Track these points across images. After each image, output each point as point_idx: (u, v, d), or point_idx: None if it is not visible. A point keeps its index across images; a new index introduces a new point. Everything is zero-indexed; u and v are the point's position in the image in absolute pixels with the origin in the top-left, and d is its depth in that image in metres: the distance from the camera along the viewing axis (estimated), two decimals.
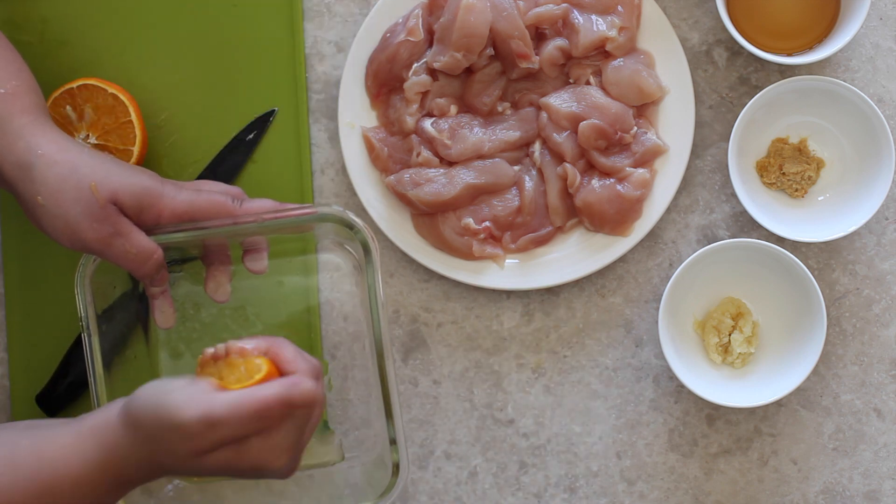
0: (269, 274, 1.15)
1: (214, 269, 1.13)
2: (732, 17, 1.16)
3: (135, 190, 1.05)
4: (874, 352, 1.20)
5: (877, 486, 1.20)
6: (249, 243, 1.13)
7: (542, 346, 1.21)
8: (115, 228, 1.04)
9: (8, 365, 1.21)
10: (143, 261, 1.06)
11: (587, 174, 1.18)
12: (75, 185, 1.03)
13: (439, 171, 1.18)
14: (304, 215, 1.08)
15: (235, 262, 1.14)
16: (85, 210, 1.03)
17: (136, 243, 1.05)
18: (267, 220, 1.08)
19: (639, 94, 1.17)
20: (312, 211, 1.08)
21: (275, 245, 1.14)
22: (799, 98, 1.16)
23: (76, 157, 1.05)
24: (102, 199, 1.04)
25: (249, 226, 1.08)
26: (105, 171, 1.05)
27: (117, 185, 1.05)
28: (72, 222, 1.04)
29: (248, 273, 1.13)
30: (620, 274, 1.21)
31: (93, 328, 1.09)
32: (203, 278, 1.14)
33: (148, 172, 1.08)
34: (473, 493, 1.21)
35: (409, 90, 1.17)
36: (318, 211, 1.08)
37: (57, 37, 1.21)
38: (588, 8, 1.17)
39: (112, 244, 1.05)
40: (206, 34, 1.21)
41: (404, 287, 1.21)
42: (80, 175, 1.04)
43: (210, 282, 1.13)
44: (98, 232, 1.04)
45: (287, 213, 1.08)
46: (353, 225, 1.08)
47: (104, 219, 1.04)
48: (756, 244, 1.14)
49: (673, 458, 1.20)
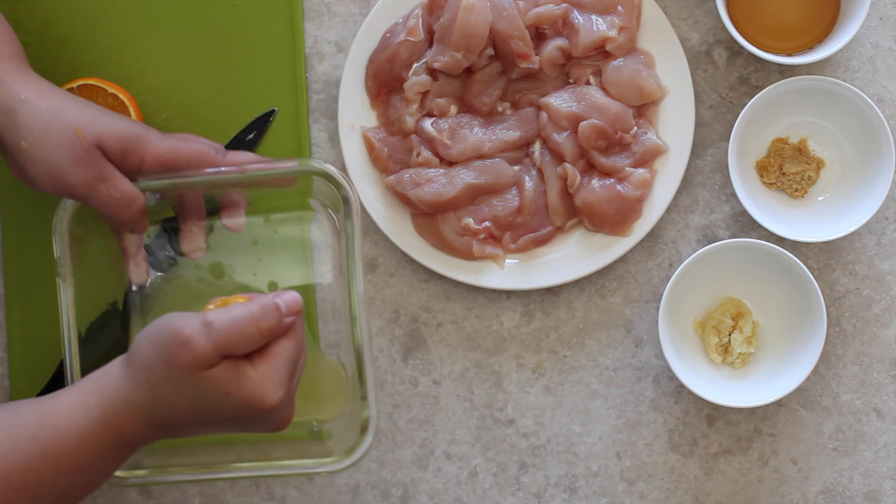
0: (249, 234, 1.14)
1: (190, 224, 1.13)
2: (732, 17, 1.16)
3: (119, 134, 1.05)
4: (874, 352, 1.20)
5: (877, 486, 1.20)
6: (228, 200, 1.12)
7: (542, 346, 1.21)
8: (99, 173, 1.04)
9: (8, 365, 1.21)
10: (126, 206, 1.06)
11: (587, 174, 1.18)
12: (59, 129, 1.03)
13: (439, 171, 1.18)
14: (287, 168, 1.08)
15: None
16: (69, 154, 1.03)
17: (119, 188, 1.05)
18: (250, 172, 1.07)
19: (639, 94, 1.17)
20: (293, 164, 1.08)
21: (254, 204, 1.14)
22: (799, 98, 1.16)
23: (60, 102, 1.04)
24: (87, 143, 1.03)
25: (232, 176, 1.08)
26: (89, 115, 1.05)
27: (102, 129, 1.04)
28: (56, 166, 1.03)
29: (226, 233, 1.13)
30: (620, 274, 1.21)
31: (68, 274, 1.09)
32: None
33: (132, 119, 1.07)
34: (473, 493, 1.21)
35: (409, 90, 1.17)
36: (301, 164, 1.08)
37: (57, 37, 1.21)
38: (588, 8, 1.17)
39: (96, 188, 1.04)
40: (206, 34, 1.21)
41: (404, 287, 1.21)
42: (64, 120, 1.03)
43: (185, 237, 1.13)
44: (82, 176, 1.04)
45: (270, 166, 1.08)
46: (336, 179, 1.07)
47: (89, 163, 1.03)
48: (756, 244, 1.14)
49: (673, 458, 1.20)
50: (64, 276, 1.09)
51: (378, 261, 1.21)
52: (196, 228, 1.13)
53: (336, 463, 1.08)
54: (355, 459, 1.08)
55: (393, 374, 1.21)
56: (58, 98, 1.05)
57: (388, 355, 1.21)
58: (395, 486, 1.21)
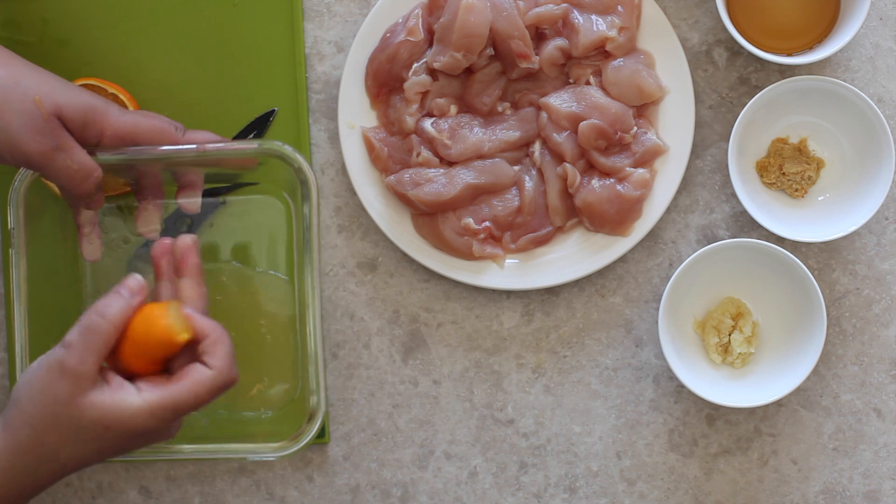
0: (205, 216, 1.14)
1: (146, 203, 1.12)
2: (732, 17, 1.16)
3: (79, 105, 1.04)
4: (874, 352, 1.20)
5: (877, 486, 1.20)
6: (185, 181, 1.11)
7: (542, 346, 1.21)
8: (57, 143, 1.03)
9: (8, 365, 1.21)
10: (83, 178, 1.05)
11: (587, 174, 1.18)
12: (19, 97, 1.02)
13: (439, 171, 1.18)
14: (244, 149, 1.07)
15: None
16: (28, 123, 1.02)
17: (77, 159, 1.04)
18: (209, 151, 1.07)
19: (639, 94, 1.17)
20: (253, 145, 1.07)
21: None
22: (799, 98, 1.16)
23: (19, 70, 1.04)
24: (46, 113, 1.02)
25: (190, 154, 1.07)
26: (49, 85, 1.04)
27: (62, 99, 1.03)
28: (13, 135, 1.02)
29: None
30: (620, 274, 1.21)
31: (21, 246, 1.08)
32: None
33: (93, 93, 1.07)
34: (473, 493, 1.21)
35: (409, 90, 1.17)
36: (258, 144, 1.07)
37: (57, 37, 1.21)
38: (588, 8, 1.17)
39: (54, 158, 1.03)
40: (206, 34, 1.21)
41: (404, 287, 1.21)
42: (23, 88, 1.03)
43: (140, 216, 1.12)
44: (41, 145, 1.03)
45: (229, 146, 1.07)
46: (293, 161, 1.07)
47: (47, 132, 1.03)
48: (756, 244, 1.14)
49: (673, 458, 1.20)
50: (18, 247, 1.08)
51: (378, 261, 1.21)
52: (152, 207, 1.12)
53: (281, 450, 1.09)
54: (300, 447, 1.08)
55: (393, 374, 1.21)
56: (18, 65, 1.04)
57: (388, 355, 1.21)
58: (395, 486, 1.21)
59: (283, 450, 1.09)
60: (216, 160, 1.08)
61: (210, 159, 1.08)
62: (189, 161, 1.09)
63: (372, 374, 1.21)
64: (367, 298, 1.21)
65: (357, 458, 1.21)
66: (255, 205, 1.17)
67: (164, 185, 1.12)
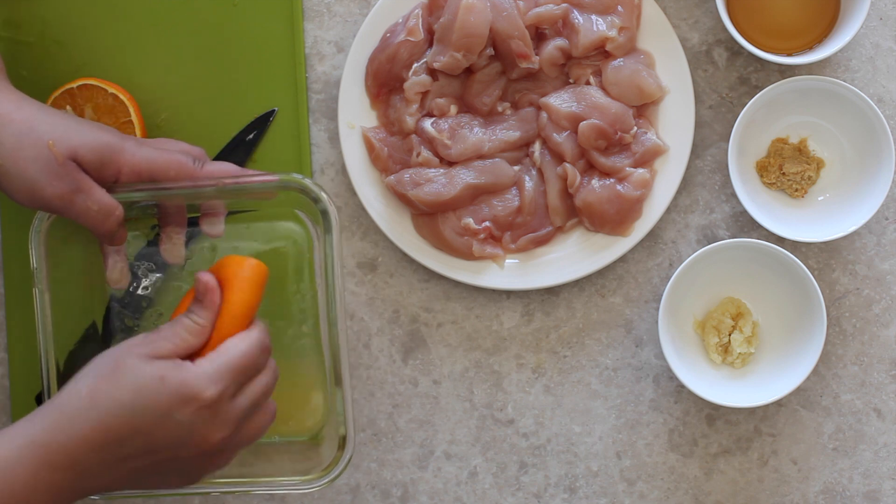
0: (226, 239, 1.14)
1: (170, 230, 1.12)
2: (732, 17, 1.16)
3: (95, 145, 1.04)
4: (874, 352, 1.20)
5: (877, 486, 1.20)
6: (207, 206, 1.11)
7: (542, 346, 1.21)
8: (75, 185, 1.03)
9: (8, 365, 1.21)
10: (105, 218, 1.05)
11: (587, 174, 1.18)
12: (33, 143, 1.02)
13: (439, 171, 1.18)
14: (264, 182, 1.07)
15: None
16: (44, 168, 1.02)
17: (97, 200, 1.04)
18: (227, 185, 1.07)
19: (639, 94, 1.17)
20: (273, 178, 1.07)
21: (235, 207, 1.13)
22: (799, 98, 1.16)
23: (33, 114, 1.04)
24: (61, 157, 1.02)
25: (209, 189, 1.07)
26: (63, 128, 1.04)
27: (76, 141, 1.03)
28: (30, 181, 1.02)
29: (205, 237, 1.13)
30: (620, 274, 1.21)
31: (44, 285, 1.08)
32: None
33: (108, 128, 1.06)
34: (473, 493, 1.21)
35: (409, 90, 1.17)
36: (279, 178, 1.07)
37: (57, 37, 1.21)
38: (588, 8, 1.17)
39: (73, 201, 1.03)
40: (206, 34, 1.21)
41: (404, 287, 1.21)
42: (37, 133, 1.03)
43: (165, 243, 1.12)
44: (58, 189, 1.03)
45: (248, 179, 1.07)
46: (314, 193, 1.06)
47: (64, 176, 1.03)
48: (756, 244, 1.14)
49: (673, 458, 1.20)
50: (41, 287, 1.09)
51: (378, 261, 1.21)
52: (176, 236, 1.12)
53: (315, 481, 1.08)
54: (333, 476, 1.08)
55: (393, 374, 1.21)
56: (32, 110, 1.04)
57: (388, 355, 1.21)
58: (395, 486, 1.21)
59: (316, 481, 1.08)
60: (236, 193, 1.08)
61: (228, 193, 1.08)
62: (207, 196, 1.09)
63: (372, 374, 1.21)
64: (367, 298, 1.21)
65: (357, 458, 1.21)
66: (275, 230, 1.17)
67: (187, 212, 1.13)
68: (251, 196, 1.11)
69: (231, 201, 1.12)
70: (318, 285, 1.14)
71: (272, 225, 1.16)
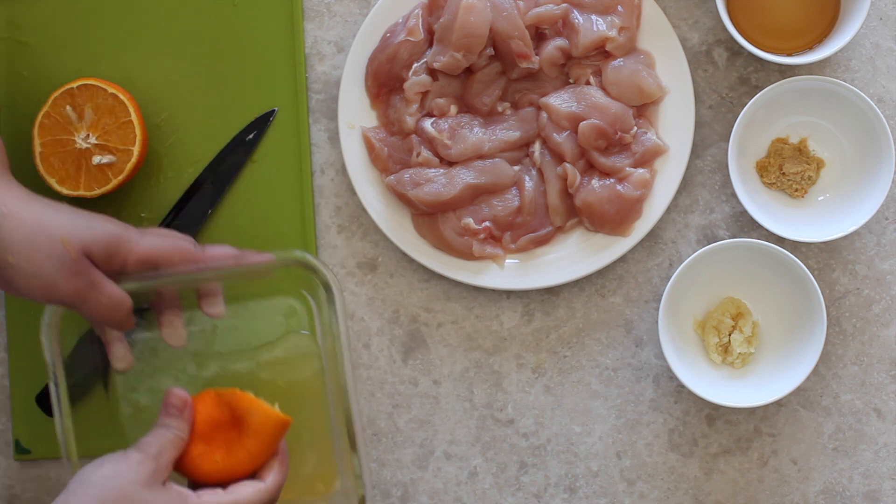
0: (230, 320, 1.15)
1: (169, 314, 1.13)
2: (732, 17, 1.16)
3: (104, 238, 1.05)
4: (874, 352, 1.20)
5: (877, 486, 1.20)
6: (205, 290, 1.12)
7: (542, 346, 1.21)
8: (89, 281, 1.04)
9: (8, 365, 1.22)
10: (115, 311, 1.06)
11: (587, 174, 1.18)
12: (46, 240, 1.03)
13: (439, 171, 1.18)
14: (263, 262, 1.08)
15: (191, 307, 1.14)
16: (58, 265, 1.03)
17: (108, 294, 1.05)
18: (228, 269, 1.08)
19: (639, 94, 1.17)
20: (272, 258, 1.08)
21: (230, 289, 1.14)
22: (799, 98, 1.16)
23: (42, 211, 1.04)
24: (75, 253, 1.03)
25: (209, 273, 1.08)
26: (71, 223, 1.04)
27: (86, 236, 1.04)
28: (46, 278, 1.03)
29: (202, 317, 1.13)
30: (620, 274, 1.21)
31: (60, 377, 1.09)
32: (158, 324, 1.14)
33: (109, 219, 1.07)
34: (473, 493, 1.21)
35: (409, 90, 1.17)
36: (279, 257, 1.08)
37: (57, 37, 1.21)
38: (588, 8, 1.17)
39: (87, 297, 1.04)
40: (206, 34, 1.21)
41: (404, 287, 1.21)
42: (49, 230, 1.03)
43: (166, 328, 1.13)
44: (74, 286, 1.04)
45: (248, 260, 1.08)
46: (315, 268, 1.07)
47: (78, 272, 1.03)
48: (756, 244, 1.14)
49: (673, 458, 1.20)
50: (56, 379, 1.09)
51: (378, 261, 1.21)
52: (176, 320, 1.13)
53: None
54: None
55: (393, 374, 1.21)
56: (39, 208, 1.04)
57: (388, 355, 1.21)
58: (395, 486, 1.21)
59: None
60: (238, 275, 1.10)
61: (229, 275, 1.10)
62: (210, 279, 1.10)
63: (372, 374, 1.21)
64: (367, 298, 1.21)
65: None
66: (272, 306, 1.17)
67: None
68: (252, 276, 1.12)
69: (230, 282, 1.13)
70: (322, 350, 1.14)
71: (268, 302, 1.16)
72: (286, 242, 1.20)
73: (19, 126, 1.20)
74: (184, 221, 1.20)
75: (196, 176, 1.21)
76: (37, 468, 1.22)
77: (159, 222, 1.21)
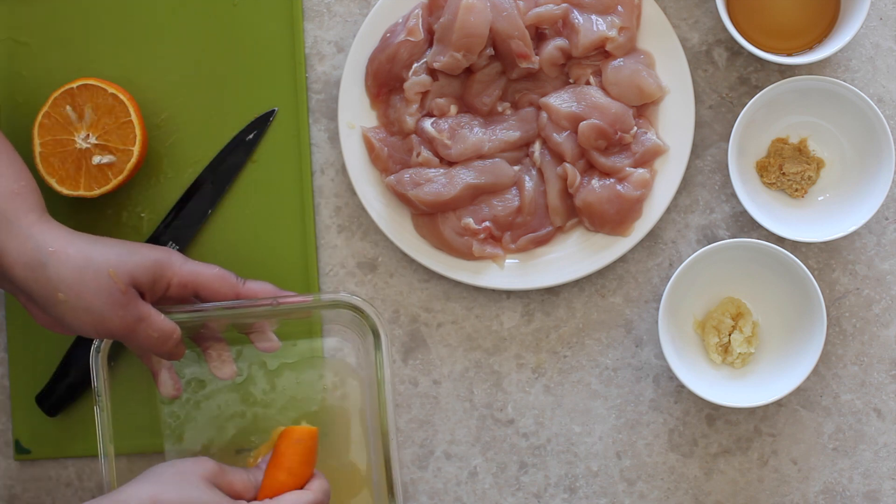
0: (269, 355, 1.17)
1: (216, 347, 1.15)
2: (732, 17, 1.16)
3: (147, 266, 1.07)
4: (874, 352, 1.20)
5: (877, 486, 1.20)
6: (256, 326, 1.14)
7: (542, 346, 1.21)
8: (138, 314, 1.06)
9: (8, 365, 1.22)
10: (164, 342, 1.08)
11: (587, 174, 1.18)
12: (93, 275, 1.05)
13: (439, 171, 1.18)
14: (319, 301, 1.11)
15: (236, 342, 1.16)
16: (108, 299, 1.05)
17: (157, 326, 1.07)
18: (281, 305, 1.11)
19: (639, 94, 1.17)
20: (327, 298, 1.11)
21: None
22: (799, 98, 1.16)
23: (87, 246, 1.06)
24: (124, 286, 1.05)
25: (263, 309, 1.11)
26: (116, 255, 1.06)
27: (132, 266, 1.06)
28: (96, 313, 1.05)
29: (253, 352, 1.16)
30: (620, 274, 1.21)
31: (106, 405, 1.11)
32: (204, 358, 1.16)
33: (151, 246, 1.10)
34: (473, 493, 1.21)
35: (409, 90, 1.17)
36: (332, 299, 1.11)
37: (57, 37, 1.21)
38: (588, 8, 1.17)
39: (136, 330, 1.07)
40: (206, 34, 1.21)
41: (404, 287, 1.21)
42: (96, 265, 1.05)
43: (213, 361, 1.15)
44: (124, 319, 1.06)
45: (301, 299, 1.11)
46: (364, 311, 1.11)
47: (127, 305, 1.05)
48: (756, 244, 1.14)
49: (673, 458, 1.20)
50: (102, 406, 1.11)
51: (378, 261, 1.21)
52: (225, 353, 1.15)
53: None
54: None
55: (393, 374, 1.21)
56: (83, 243, 1.06)
57: (389, 355, 1.21)
58: None
59: None
60: (288, 311, 1.12)
61: (282, 311, 1.12)
62: (261, 314, 1.12)
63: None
64: (367, 298, 1.21)
65: None
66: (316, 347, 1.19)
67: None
68: (299, 314, 1.15)
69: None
70: (367, 395, 1.17)
71: (312, 343, 1.19)
72: (286, 242, 1.20)
73: (19, 126, 1.20)
74: (184, 221, 1.20)
75: (196, 176, 1.21)
76: (37, 468, 1.22)
77: (159, 222, 1.21)
